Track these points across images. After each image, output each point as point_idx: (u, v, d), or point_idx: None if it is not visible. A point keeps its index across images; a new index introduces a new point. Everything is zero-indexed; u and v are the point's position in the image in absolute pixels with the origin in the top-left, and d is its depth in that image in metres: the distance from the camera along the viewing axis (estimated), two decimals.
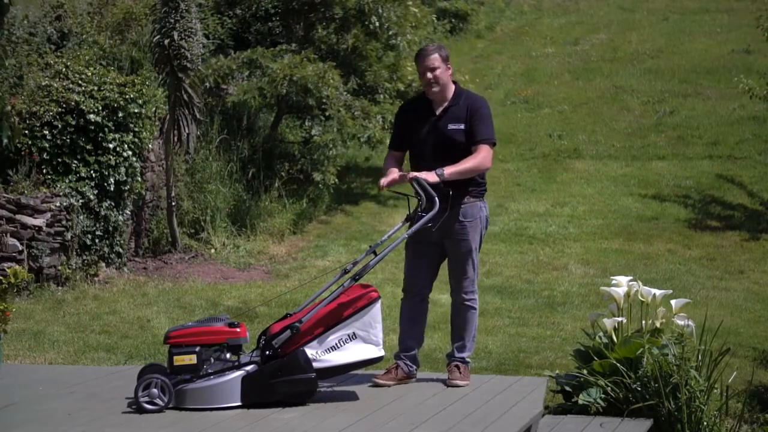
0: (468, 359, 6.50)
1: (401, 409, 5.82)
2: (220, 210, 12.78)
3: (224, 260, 12.05)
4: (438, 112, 6.33)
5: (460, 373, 6.39)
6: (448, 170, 6.16)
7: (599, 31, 22.88)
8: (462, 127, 6.27)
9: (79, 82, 10.97)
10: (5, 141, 8.96)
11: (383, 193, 14.93)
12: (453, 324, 6.55)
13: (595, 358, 6.35)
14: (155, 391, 5.68)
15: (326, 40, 14.80)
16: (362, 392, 6.17)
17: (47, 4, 13.09)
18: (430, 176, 6.12)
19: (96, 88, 10.95)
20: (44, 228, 10.12)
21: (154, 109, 11.88)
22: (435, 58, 6.29)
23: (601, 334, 6.52)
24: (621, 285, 6.59)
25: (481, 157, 6.24)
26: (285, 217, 13.41)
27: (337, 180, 13.94)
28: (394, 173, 6.28)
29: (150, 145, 11.84)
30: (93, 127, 10.78)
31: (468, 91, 6.56)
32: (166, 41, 11.50)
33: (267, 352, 5.85)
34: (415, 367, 6.50)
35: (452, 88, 6.38)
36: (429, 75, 6.28)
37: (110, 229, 11.07)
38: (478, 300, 6.59)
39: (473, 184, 6.34)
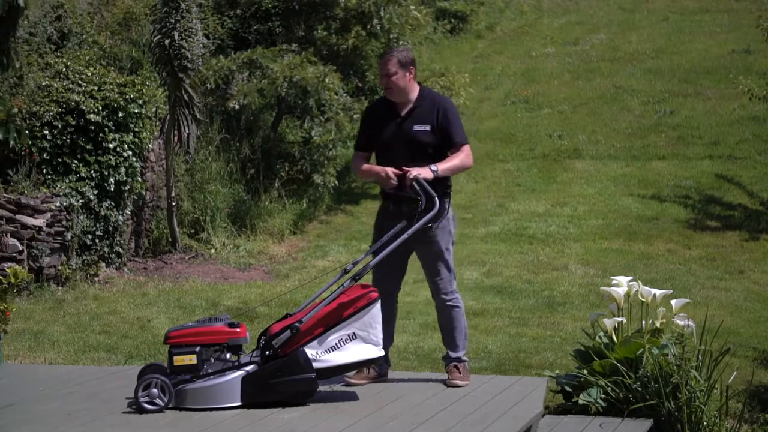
0: (464, 358, 6.49)
1: (401, 409, 5.82)
2: (220, 210, 12.78)
3: (224, 260, 12.05)
4: (403, 114, 6.34)
5: (460, 373, 6.40)
6: (441, 166, 6.20)
7: (599, 31, 22.87)
8: (428, 128, 6.29)
9: (79, 82, 10.97)
10: (12, 142, 8.98)
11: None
12: (441, 327, 6.52)
13: (595, 358, 6.35)
14: (155, 391, 5.69)
15: (326, 40, 14.81)
16: (362, 392, 6.17)
17: (47, 4, 13.09)
18: (426, 172, 6.13)
19: (96, 88, 10.95)
20: (44, 228, 10.12)
21: (154, 109, 11.88)
22: (392, 64, 6.29)
23: (601, 334, 6.52)
24: (621, 285, 6.59)
25: (465, 155, 6.32)
26: (285, 217, 13.40)
27: (336, 182, 13.94)
28: (384, 170, 6.24)
29: (150, 145, 11.84)
30: (93, 127, 10.78)
31: (432, 91, 6.60)
32: (167, 41, 11.50)
33: (267, 352, 5.86)
34: (387, 366, 6.50)
35: (416, 89, 6.39)
36: (385, 80, 6.33)
37: (110, 229, 11.07)
38: (461, 298, 6.52)
39: (442, 185, 6.31)
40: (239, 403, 5.77)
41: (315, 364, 5.83)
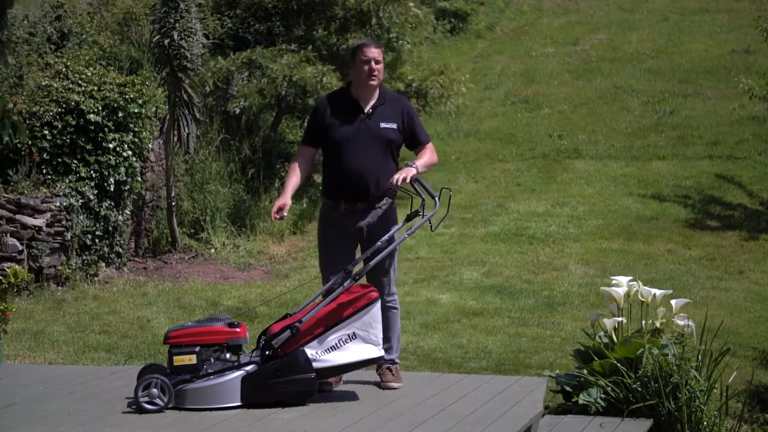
0: (397, 360, 6.41)
1: (401, 409, 5.82)
2: (219, 210, 12.77)
3: (224, 260, 12.05)
4: (366, 110, 6.25)
5: (393, 375, 6.31)
6: (419, 163, 6.21)
7: (599, 31, 22.88)
8: (395, 126, 6.23)
9: (79, 82, 10.97)
10: (5, 139, 8.95)
11: None
12: None
13: (595, 358, 6.35)
14: (155, 391, 5.68)
15: (326, 40, 14.80)
16: (362, 392, 6.17)
17: (47, 4, 13.09)
18: (411, 171, 6.12)
19: (96, 88, 10.95)
20: (44, 228, 10.12)
21: (154, 109, 11.88)
22: (380, 52, 6.26)
23: (601, 334, 6.51)
24: (621, 285, 6.58)
25: (432, 151, 6.36)
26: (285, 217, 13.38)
27: None
28: (286, 197, 6.27)
29: (150, 145, 11.84)
30: (93, 127, 10.78)
31: (390, 90, 6.60)
32: (166, 41, 11.50)
33: (267, 352, 5.85)
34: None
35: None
36: (374, 65, 6.20)
37: (110, 229, 11.07)
38: (398, 300, 6.45)
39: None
40: (239, 403, 5.76)
41: (315, 364, 5.82)
